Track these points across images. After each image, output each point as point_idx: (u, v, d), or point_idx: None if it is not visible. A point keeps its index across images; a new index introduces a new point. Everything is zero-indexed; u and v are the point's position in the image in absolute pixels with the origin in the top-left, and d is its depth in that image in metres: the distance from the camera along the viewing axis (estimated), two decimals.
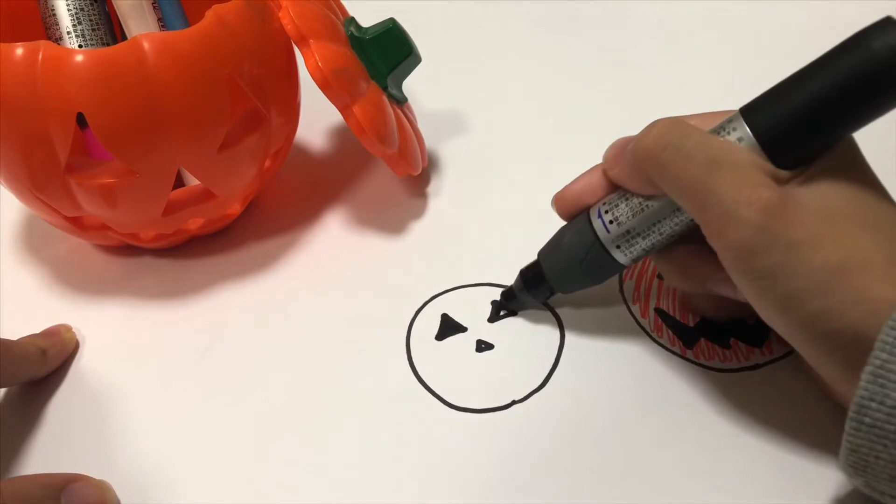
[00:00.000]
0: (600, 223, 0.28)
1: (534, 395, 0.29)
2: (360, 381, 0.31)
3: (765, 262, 0.22)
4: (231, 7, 0.31)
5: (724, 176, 0.23)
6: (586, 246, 0.28)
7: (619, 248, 0.27)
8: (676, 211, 0.26)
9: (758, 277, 0.23)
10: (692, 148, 0.24)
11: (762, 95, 0.24)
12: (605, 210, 0.28)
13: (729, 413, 0.28)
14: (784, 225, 0.22)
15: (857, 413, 0.21)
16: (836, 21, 0.49)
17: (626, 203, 0.27)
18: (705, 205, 0.23)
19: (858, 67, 0.21)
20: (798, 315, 0.22)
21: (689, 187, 0.23)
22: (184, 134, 0.30)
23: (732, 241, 0.23)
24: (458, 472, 0.27)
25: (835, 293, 0.21)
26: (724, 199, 0.23)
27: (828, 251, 0.22)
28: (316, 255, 0.36)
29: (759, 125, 0.23)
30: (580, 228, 0.28)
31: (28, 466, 0.29)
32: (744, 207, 0.22)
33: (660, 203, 0.26)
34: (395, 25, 0.36)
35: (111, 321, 0.34)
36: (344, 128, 0.44)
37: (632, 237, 0.27)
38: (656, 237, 0.27)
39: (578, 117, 0.43)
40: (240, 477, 0.28)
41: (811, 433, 0.27)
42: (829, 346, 0.22)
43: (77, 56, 0.28)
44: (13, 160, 0.30)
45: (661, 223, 0.26)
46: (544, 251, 0.31)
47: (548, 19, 0.52)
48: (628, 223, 0.27)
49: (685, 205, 0.24)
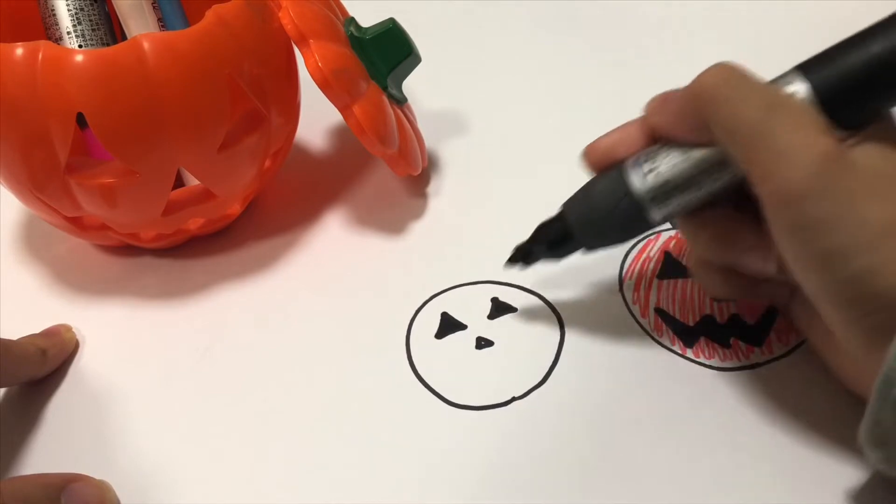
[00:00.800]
0: (637, 174, 0.26)
1: (533, 392, 0.29)
2: (360, 381, 0.31)
3: (815, 210, 0.21)
4: (231, 7, 0.31)
5: (784, 118, 0.22)
6: (618, 196, 0.26)
7: (654, 200, 0.26)
8: (720, 165, 0.25)
9: (804, 227, 0.21)
10: (751, 90, 0.23)
11: (821, 54, 0.24)
12: (644, 160, 0.26)
13: (728, 412, 0.28)
14: (840, 174, 0.21)
15: (883, 385, 0.20)
16: (836, 21, 0.49)
17: (667, 154, 0.25)
18: (760, 145, 0.22)
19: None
20: (839, 273, 0.21)
21: (743, 128, 0.22)
22: (184, 134, 0.30)
23: (785, 183, 0.21)
24: (457, 469, 0.27)
25: (882, 251, 0.21)
26: (781, 139, 0.22)
27: (880, 207, 0.21)
28: (316, 255, 0.36)
29: (818, 81, 0.23)
30: (613, 177, 0.27)
31: (28, 466, 0.29)
32: (800, 150, 0.21)
33: (705, 153, 0.25)
34: (395, 25, 0.36)
35: (111, 321, 0.34)
36: (344, 128, 0.44)
37: (669, 190, 0.25)
38: (694, 193, 0.25)
39: (579, 117, 0.43)
40: (240, 477, 0.28)
41: (811, 432, 0.27)
42: (865, 310, 0.21)
43: (77, 56, 0.28)
44: (13, 160, 0.30)
45: (703, 176, 0.25)
46: (570, 201, 0.29)
47: (548, 19, 0.52)
48: (668, 173, 0.25)
49: (737, 149, 0.23)
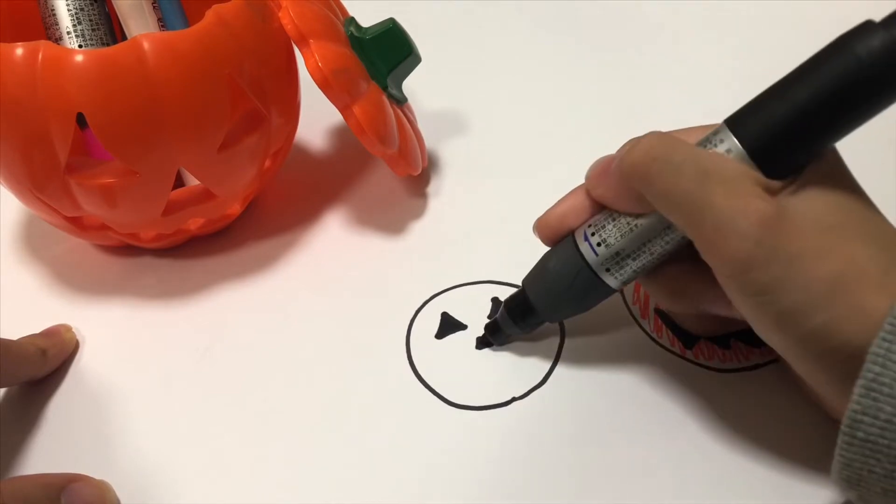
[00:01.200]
0: (587, 246, 0.26)
1: (533, 393, 0.29)
2: (360, 381, 0.31)
3: (764, 277, 0.21)
4: (231, 7, 0.31)
5: (717, 188, 0.22)
6: (574, 271, 0.27)
7: (608, 271, 0.26)
8: (667, 228, 0.25)
9: (756, 293, 0.22)
10: (682, 161, 0.23)
11: (747, 105, 0.23)
12: (591, 232, 0.26)
13: (728, 413, 0.28)
14: (782, 237, 0.21)
15: (849, 427, 0.20)
16: (836, 20, 0.49)
17: (614, 223, 0.26)
18: (699, 219, 0.22)
19: (843, 73, 0.21)
20: (798, 332, 0.22)
21: (681, 201, 0.23)
22: (184, 134, 0.30)
23: (729, 256, 0.22)
24: (458, 469, 0.27)
25: (834, 307, 0.21)
26: (719, 212, 0.22)
27: (826, 263, 0.21)
28: (316, 255, 0.36)
29: (747, 136, 0.23)
30: (566, 252, 0.27)
31: (28, 466, 0.29)
32: (740, 220, 0.21)
33: (649, 221, 0.25)
34: (395, 25, 0.36)
35: (111, 321, 0.34)
36: (344, 128, 0.44)
37: (622, 259, 0.26)
38: (647, 257, 0.26)
39: (578, 117, 0.44)
40: (240, 477, 0.28)
41: (811, 433, 0.27)
42: (828, 363, 0.21)
43: (77, 56, 0.28)
44: (13, 160, 0.30)
45: (652, 242, 0.25)
46: (529, 279, 0.29)
47: (548, 19, 0.52)
48: (617, 244, 0.26)
49: (677, 220, 0.23)
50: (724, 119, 0.24)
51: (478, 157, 0.41)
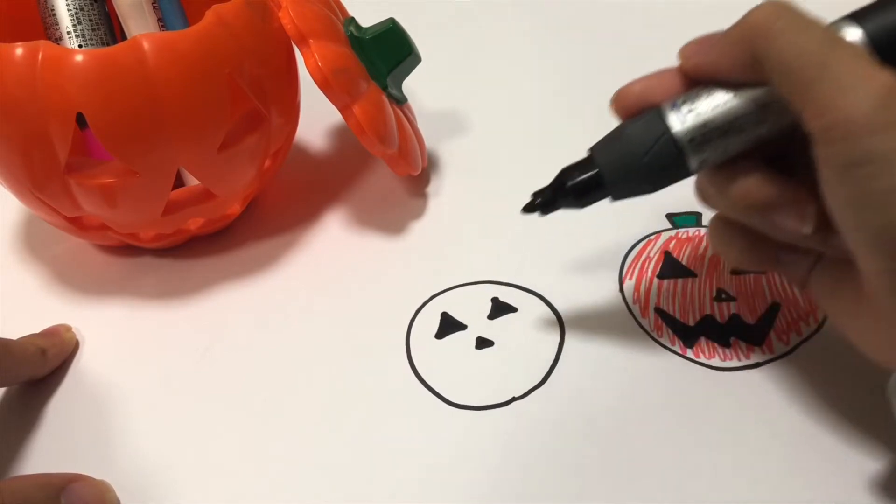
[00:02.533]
0: (675, 115, 0.24)
1: (533, 392, 0.29)
2: (360, 381, 0.31)
3: (876, 146, 0.20)
4: (231, 7, 0.31)
5: (843, 53, 0.21)
6: (655, 136, 0.24)
7: (691, 142, 0.24)
8: (766, 107, 0.23)
9: (861, 164, 0.20)
10: (809, 23, 0.22)
11: (871, 3, 0.23)
12: (682, 101, 0.24)
13: (729, 412, 0.28)
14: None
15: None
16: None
17: (709, 95, 0.24)
18: (818, 77, 0.21)
19: None
20: None
21: (801, 59, 0.21)
22: (184, 134, 0.30)
23: (844, 116, 0.20)
24: (458, 469, 0.27)
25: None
26: (841, 71, 0.21)
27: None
28: (316, 255, 0.36)
29: (873, 29, 0.22)
30: (649, 118, 0.25)
31: (28, 466, 0.29)
32: (864, 81, 0.20)
33: (748, 95, 0.23)
34: (395, 25, 0.36)
35: (111, 321, 0.34)
36: (344, 128, 0.44)
37: (708, 132, 0.24)
38: (736, 137, 0.24)
39: (579, 117, 0.43)
40: (240, 477, 0.28)
41: (812, 432, 0.27)
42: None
43: (77, 56, 0.28)
44: (13, 160, 0.30)
45: (747, 119, 0.23)
46: (600, 143, 0.26)
47: (548, 19, 0.52)
48: (707, 115, 0.24)
49: (793, 80, 0.22)
50: (846, 14, 0.23)
51: (478, 157, 0.41)
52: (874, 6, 0.23)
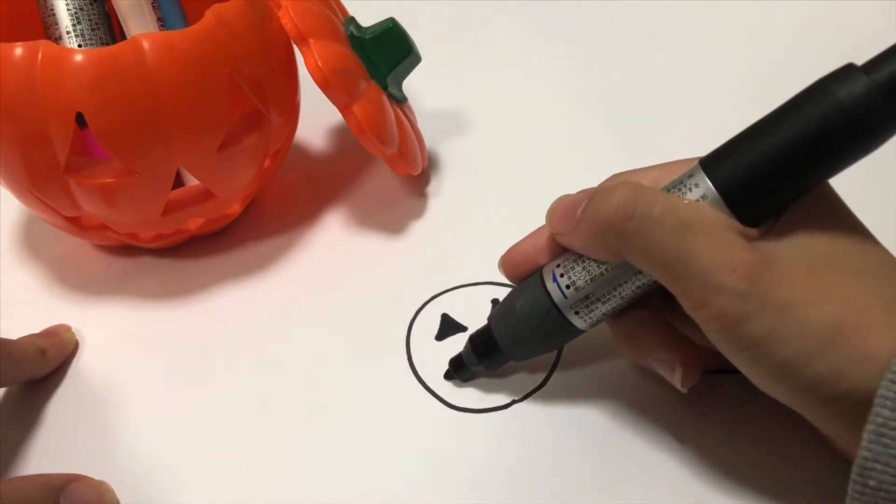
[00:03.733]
0: (555, 287, 0.26)
1: (533, 395, 0.29)
2: (360, 382, 0.30)
3: (755, 330, 0.21)
4: (231, 7, 0.31)
5: (699, 242, 0.21)
6: (543, 312, 0.26)
7: (577, 313, 0.26)
8: (638, 273, 0.24)
9: (749, 346, 0.21)
10: (660, 215, 0.22)
11: (722, 147, 0.23)
12: (559, 273, 0.26)
13: (729, 415, 0.28)
14: (770, 286, 0.20)
15: (860, 476, 0.19)
16: (837, 21, 0.49)
17: (583, 267, 0.25)
18: (682, 276, 0.21)
19: (823, 117, 0.20)
20: (798, 381, 0.21)
21: (662, 258, 0.22)
22: (183, 134, 0.30)
23: (717, 312, 0.21)
24: (457, 471, 0.27)
25: (835, 353, 0.20)
26: (703, 267, 0.21)
27: (821, 308, 0.20)
28: (316, 256, 0.36)
29: (722, 180, 0.22)
30: (534, 292, 0.26)
31: (27, 466, 0.29)
32: (725, 274, 0.21)
33: (620, 266, 0.24)
34: (395, 25, 0.36)
35: (111, 321, 0.34)
36: (344, 128, 0.44)
37: (591, 302, 0.25)
38: (617, 301, 0.25)
39: (578, 117, 0.43)
40: (240, 477, 0.28)
41: (808, 437, 0.27)
42: (834, 409, 0.20)
43: (76, 56, 0.28)
44: (13, 160, 0.30)
45: (623, 286, 0.24)
46: (496, 317, 0.29)
47: (548, 19, 0.52)
48: (587, 288, 0.25)
49: (658, 275, 0.22)
50: (700, 160, 0.23)
51: (478, 157, 0.41)
52: (720, 153, 0.23)
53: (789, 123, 0.21)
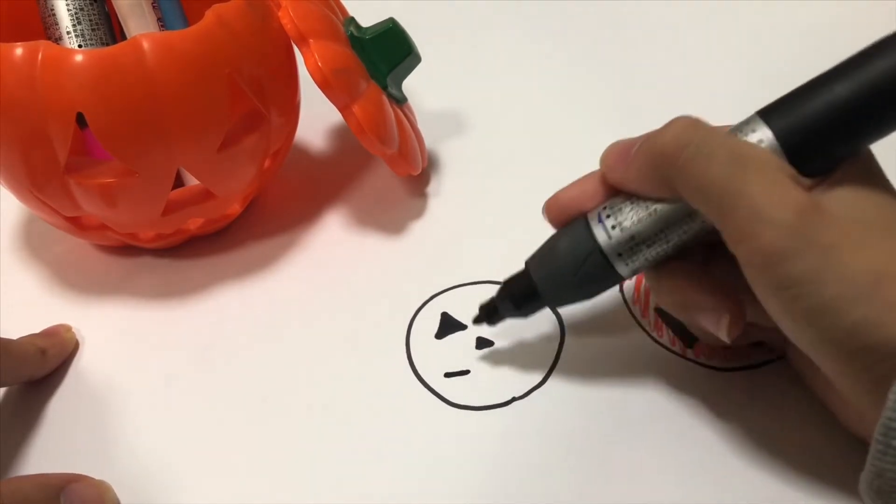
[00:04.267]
0: (601, 229, 0.25)
1: (534, 392, 0.29)
2: (360, 381, 0.31)
3: (798, 268, 0.20)
4: (231, 7, 0.31)
5: (752, 176, 0.21)
6: (584, 253, 0.25)
7: (620, 256, 0.25)
8: (687, 217, 0.24)
9: (789, 285, 0.21)
10: (715, 147, 0.22)
11: (783, 98, 0.22)
12: (606, 214, 0.25)
13: (730, 412, 0.28)
14: (820, 228, 0.20)
15: (883, 435, 0.19)
16: (837, 22, 0.49)
17: (632, 207, 0.25)
18: (731, 206, 0.21)
19: (887, 73, 0.20)
20: (833, 327, 0.20)
21: (713, 188, 0.22)
22: (183, 134, 0.30)
23: (763, 245, 0.21)
24: (458, 469, 0.27)
25: (875, 301, 0.20)
26: (753, 200, 0.21)
27: (866, 255, 0.20)
28: (316, 255, 0.36)
29: (782, 129, 0.22)
30: (578, 233, 0.26)
31: (27, 466, 0.29)
32: (776, 208, 0.20)
33: (669, 207, 0.24)
34: (395, 25, 0.36)
35: (111, 321, 0.34)
36: (344, 128, 0.44)
37: (636, 244, 0.25)
38: (662, 245, 0.24)
39: (578, 117, 0.43)
40: (240, 477, 0.28)
41: (813, 432, 0.27)
42: (862, 363, 0.20)
43: (77, 56, 0.28)
44: (13, 160, 0.30)
45: (670, 229, 0.24)
46: (534, 258, 0.28)
47: (548, 19, 0.52)
48: (633, 228, 0.24)
49: (706, 208, 0.22)
50: (758, 110, 0.23)
51: (478, 157, 0.41)
52: (782, 102, 0.23)
53: (852, 77, 0.21)
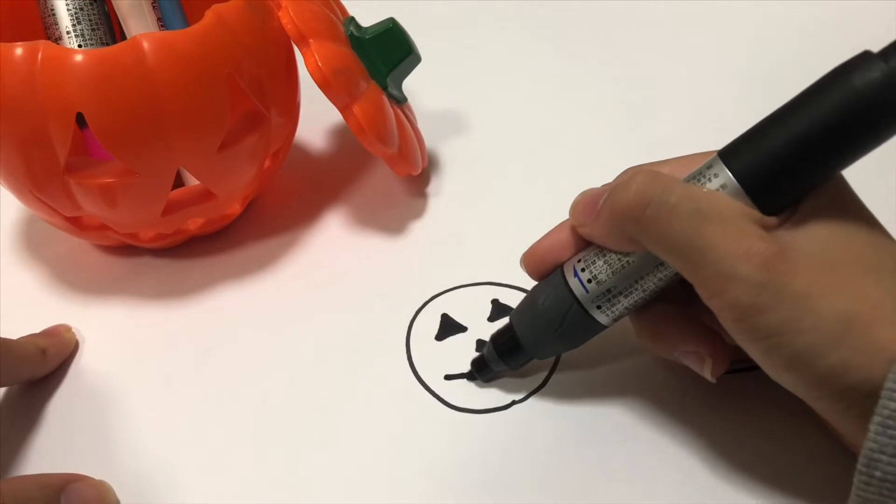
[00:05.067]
0: (577, 282, 0.25)
1: (533, 395, 0.29)
2: (360, 381, 0.31)
3: (770, 320, 0.21)
4: (231, 7, 0.31)
5: (715, 230, 0.21)
6: (564, 308, 0.26)
7: (599, 308, 0.25)
8: (660, 266, 0.24)
9: (764, 336, 0.21)
10: (677, 202, 0.22)
11: (741, 137, 0.23)
12: (581, 268, 0.25)
13: (729, 413, 0.28)
14: (786, 277, 0.21)
15: (866, 467, 0.20)
16: (837, 22, 0.49)
17: (604, 260, 0.25)
18: (698, 264, 0.22)
19: (841, 105, 0.20)
20: (810, 372, 0.21)
21: (678, 246, 0.22)
22: (184, 134, 0.30)
23: (733, 301, 0.21)
24: (457, 472, 0.27)
25: (847, 345, 0.20)
26: (719, 256, 0.21)
27: (835, 300, 0.20)
28: (316, 255, 0.36)
29: (742, 170, 0.22)
30: (556, 288, 0.26)
31: (28, 466, 0.29)
32: (741, 263, 0.21)
33: (641, 258, 0.24)
34: (395, 25, 0.36)
35: (111, 321, 0.34)
36: (344, 128, 0.44)
37: (613, 296, 0.25)
38: (639, 294, 0.25)
39: (578, 117, 0.44)
40: (240, 477, 0.28)
41: (812, 433, 0.27)
42: (845, 402, 0.21)
43: (76, 56, 0.28)
44: (13, 160, 0.30)
45: (644, 279, 0.24)
46: (517, 315, 0.28)
47: (548, 19, 0.52)
48: (609, 281, 0.25)
49: (675, 264, 0.23)
50: (718, 151, 0.23)
51: (478, 157, 0.41)
52: (739, 143, 0.23)
53: (807, 112, 0.21)
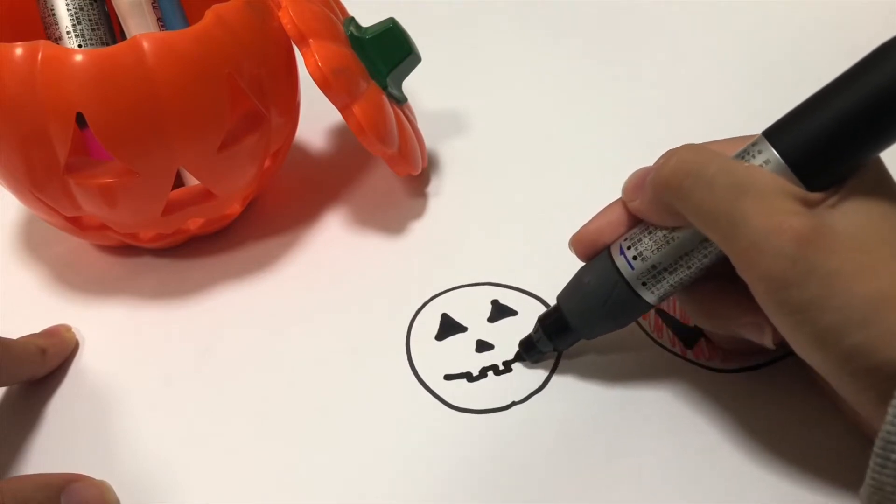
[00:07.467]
0: (623, 260, 0.26)
1: (534, 396, 0.29)
2: (360, 381, 0.31)
3: (800, 295, 0.21)
4: (231, 7, 0.31)
5: (751, 203, 0.22)
6: (610, 285, 0.26)
7: (645, 285, 0.26)
8: (704, 241, 0.24)
9: (793, 311, 0.21)
10: (714, 175, 0.22)
11: (785, 116, 0.23)
12: (627, 246, 0.26)
13: (730, 414, 0.28)
14: (819, 254, 0.21)
15: (882, 449, 0.20)
16: (837, 22, 0.49)
17: (650, 237, 0.25)
18: (733, 235, 0.22)
19: (886, 82, 0.20)
20: (835, 350, 0.21)
21: (714, 217, 0.22)
22: (184, 134, 0.30)
23: (764, 273, 0.21)
24: (457, 472, 0.27)
25: (873, 326, 0.20)
26: (753, 228, 0.21)
27: (866, 281, 0.20)
28: (316, 255, 0.36)
29: (786, 147, 0.22)
30: (602, 266, 0.27)
31: (28, 466, 0.29)
32: (774, 237, 0.21)
33: (686, 234, 0.24)
34: (395, 25, 0.36)
35: (111, 321, 0.34)
36: (344, 128, 0.44)
37: (658, 272, 0.25)
38: (685, 271, 0.25)
39: (578, 117, 0.43)
40: (240, 477, 0.28)
41: (812, 433, 0.27)
42: (868, 382, 0.21)
43: (76, 56, 0.28)
44: (13, 160, 0.30)
45: (689, 256, 0.25)
46: (564, 294, 0.29)
47: (548, 20, 0.52)
48: (653, 257, 0.25)
49: (712, 235, 0.23)
50: (763, 131, 0.23)
51: (478, 157, 0.41)
52: (785, 122, 0.23)
53: (853, 90, 0.21)
